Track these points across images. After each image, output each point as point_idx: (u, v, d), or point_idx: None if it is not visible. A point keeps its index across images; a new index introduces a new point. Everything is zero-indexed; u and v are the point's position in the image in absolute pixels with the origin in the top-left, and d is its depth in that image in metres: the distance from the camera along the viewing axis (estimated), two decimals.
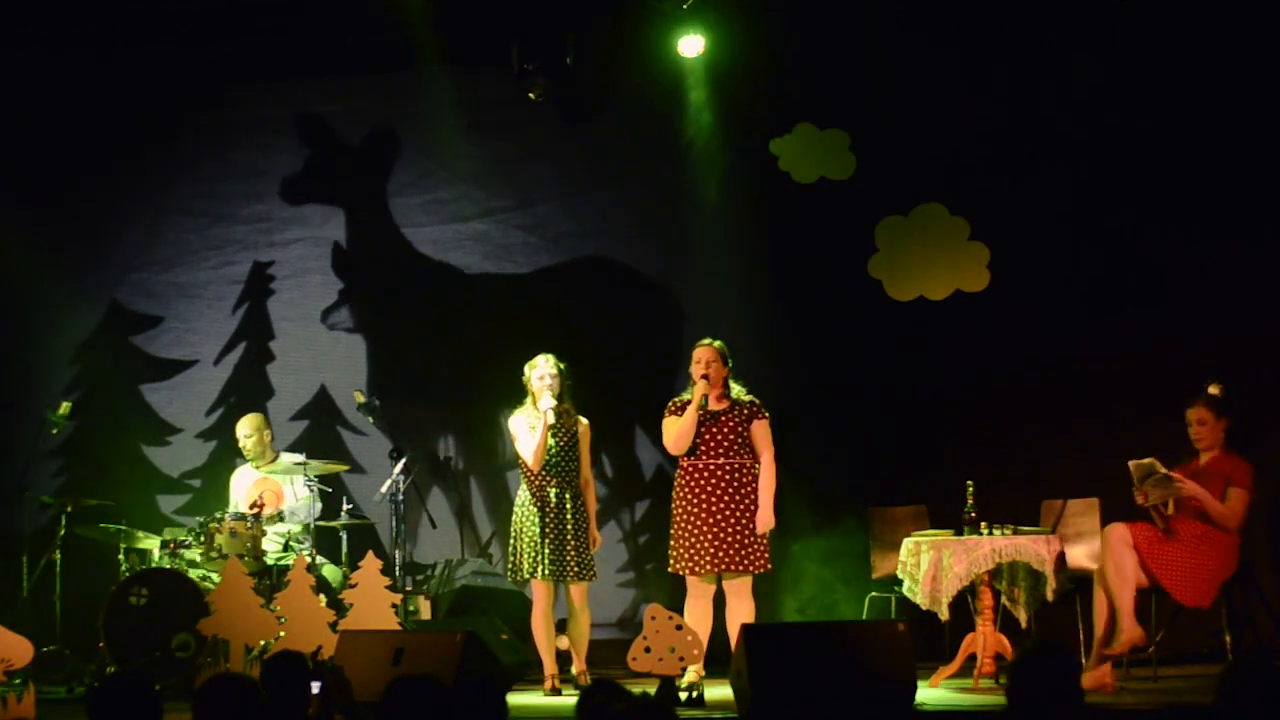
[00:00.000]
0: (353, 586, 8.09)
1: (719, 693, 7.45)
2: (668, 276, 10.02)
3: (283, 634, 7.96)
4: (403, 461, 9.01)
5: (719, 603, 7.67)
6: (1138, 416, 8.63)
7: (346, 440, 10.14)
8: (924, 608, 7.73)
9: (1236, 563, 7.47)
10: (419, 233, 10.23)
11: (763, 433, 7.71)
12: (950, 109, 9.42)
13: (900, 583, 7.84)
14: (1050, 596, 7.67)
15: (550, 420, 8.00)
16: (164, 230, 10.39)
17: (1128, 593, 7.28)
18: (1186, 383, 7.78)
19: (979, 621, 7.74)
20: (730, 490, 7.62)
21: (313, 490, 8.96)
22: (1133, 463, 7.45)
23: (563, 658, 8.31)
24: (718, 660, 7.58)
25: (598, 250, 10.09)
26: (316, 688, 5.23)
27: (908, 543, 7.85)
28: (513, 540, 8.13)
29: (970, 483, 7.80)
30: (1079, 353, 9.24)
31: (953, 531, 7.77)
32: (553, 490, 8.04)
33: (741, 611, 7.56)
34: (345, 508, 9.07)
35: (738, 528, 7.59)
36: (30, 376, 10.28)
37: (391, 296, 10.27)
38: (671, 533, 7.75)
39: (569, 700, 7.70)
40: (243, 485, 9.25)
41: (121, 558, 8.78)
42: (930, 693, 7.50)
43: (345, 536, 8.99)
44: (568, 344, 8.47)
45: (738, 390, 7.76)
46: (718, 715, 7.07)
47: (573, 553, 8.01)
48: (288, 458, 9.11)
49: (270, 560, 8.73)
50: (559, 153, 10.14)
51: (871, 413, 9.42)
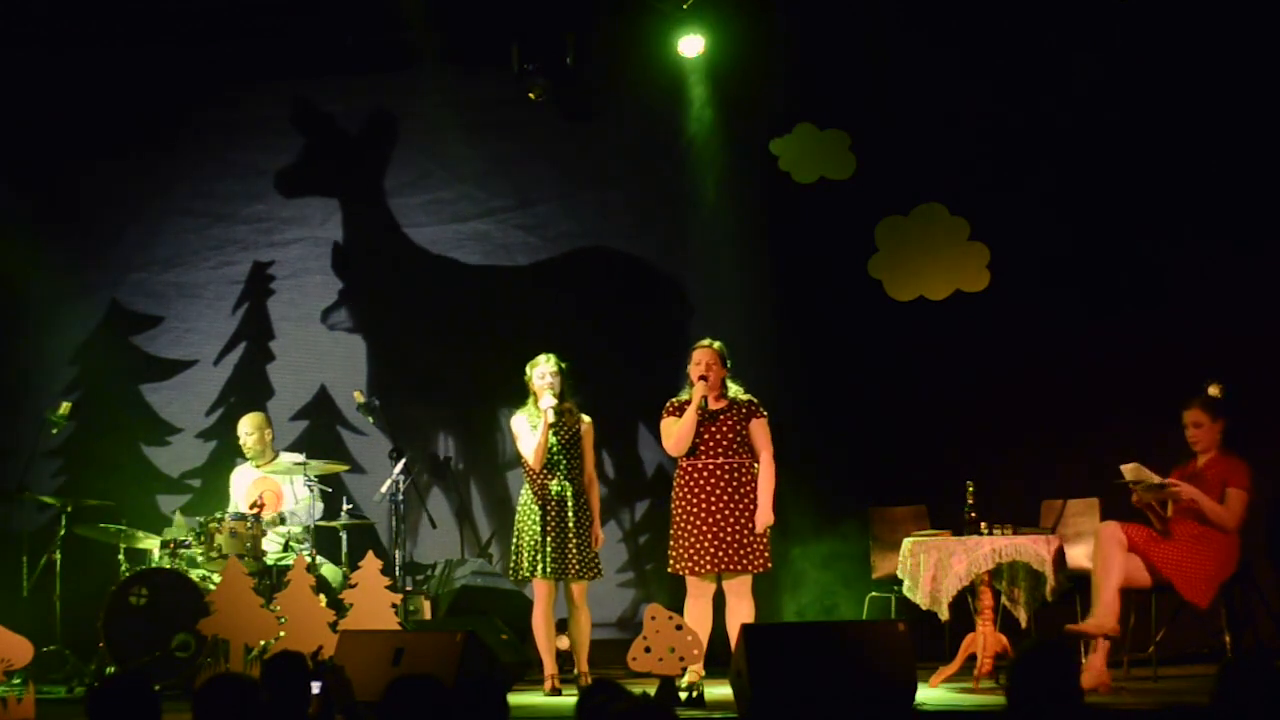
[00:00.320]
0: (353, 586, 8.09)
1: (719, 693, 7.45)
2: (668, 277, 10.02)
3: (283, 634, 7.96)
4: (403, 461, 9.00)
5: (719, 603, 7.67)
6: (1138, 416, 8.63)
7: (346, 440, 10.14)
8: (924, 608, 7.73)
9: (1236, 563, 7.47)
10: (419, 233, 10.24)
11: (761, 431, 7.70)
12: (950, 109, 9.42)
13: (900, 583, 7.84)
14: (1050, 596, 7.68)
15: (550, 419, 8.00)
16: (164, 230, 10.39)
17: (1110, 585, 7.31)
18: (1186, 383, 7.79)
19: (979, 621, 7.74)
20: (729, 490, 7.61)
21: (313, 490, 8.96)
22: (1123, 466, 7.48)
23: (563, 658, 8.31)
24: (718, 660, 7.58)
25: (598, 250, 10.09)
26: (317, 688, 5.24)
27: (908, 543, 7.85)
28: (515, 539, 8.13)
29: (970, 483, 7.80)
30: (1079, 353, 9.24)
31: (953, 531, 7.77)
32: (554, 489, 8.04)
33: (741, 611, 7.55)
34: (345, 508, 9.07)
35: (737, 527, 7.58)
36: (30, 376, 10.28)
37: (391, 297, 10.27)
38: (671, 533, 7.75)
39: (569, 700, 7.70)
40: (242, 484, 9.25)
41: (121, 558, 8.79)
42: (930, 693, 7.50)
43: (345, 536, 8.99)
44: (567, 344, 8.46)
45: (736, 390, 7.75)
46: (718, 715, 7.07)
47: (574, 551, 8.00)
48: (287, 458, 9.11)
49: (270, 560, 8.74)
50: (559, 153, 10.14)
51: (871, 413, 9.42)
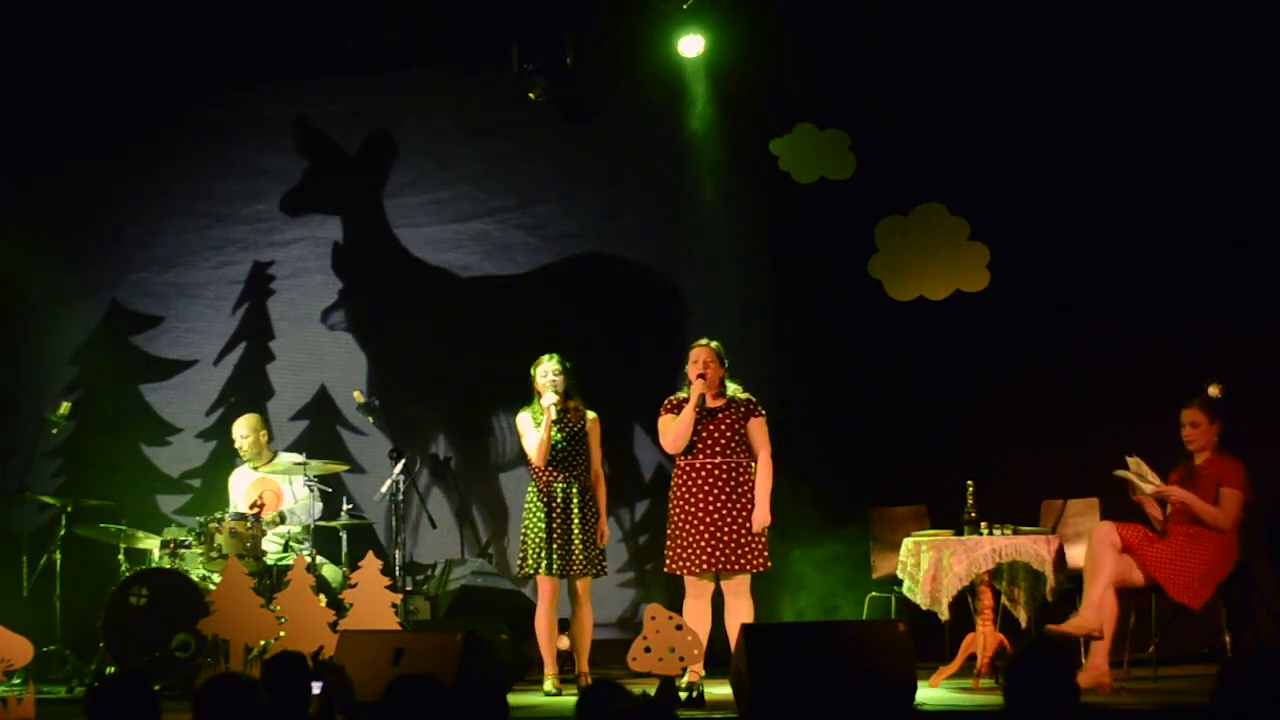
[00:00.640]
0: (353, 586, 8.09)
1: (719, 693, 7.45)
2: (668, 276, 10.01)
3: (283, 634, 7.96)
4: (403, 461, 9.00)
5: (718, 603, 7.67)
6: (1138, 417, 8.61)
7: (346, 440, 10.14)
8: (924, 608, 7.74)
9: (1233, 563, 7.47)
10: (419, 233, 10.23)
11: (759, 431, 7.69)
12: (950, 109, 9.42)
13: (900, 583, 7.85)
14: (1050, 596, 7.68)
15: (552, 415, 8.00)
16: (164, 230, 10.39)
17: (1097, 586, 7.33)
18: (1186, 383, 7.79)
19: (979, 621, 7.74)
20: (727, 489, 7.60)
21: (313, 490, 8.96)
22: (1129, 459, 7.49)
23: (563, 658, 8.30)
24: (718, 660, 7.58)
25: (598, 250, 10.08)
26: (318, 688, 5.24)
27: (908, 543, 7.85)
28: (521, 536, 8.14)
29: (970, 483, 7.80)
30: (1079, 353, 9.24)
31: (953, 531, 7.77)
32: (559, 486, 8.04)
33: (741, 611, 7.55)
34: (345, 508, 9.07)
35: (734, 527, 7.57)
36: (30, 376, 10.29)
37: (391, 296, 10.26)
38: (668, 532, 7.74)
39: (569, 700, 7.70)
40: (241, 485, 9.25)
41: (121, 558, 8.78)
42: (930, 693, 7.50)
43: (345, 536, 8.99)
44: (567, 343, 8.46)
45: (734, 389, 7.74)
46: (718, 715, 7.07)
47: (580, 548, 8.00)
48: (287, 458, 9.11)
49: (270, 560, 8.74)
50: (559, 153, 10.13)
51: (871, 413, 9.41)
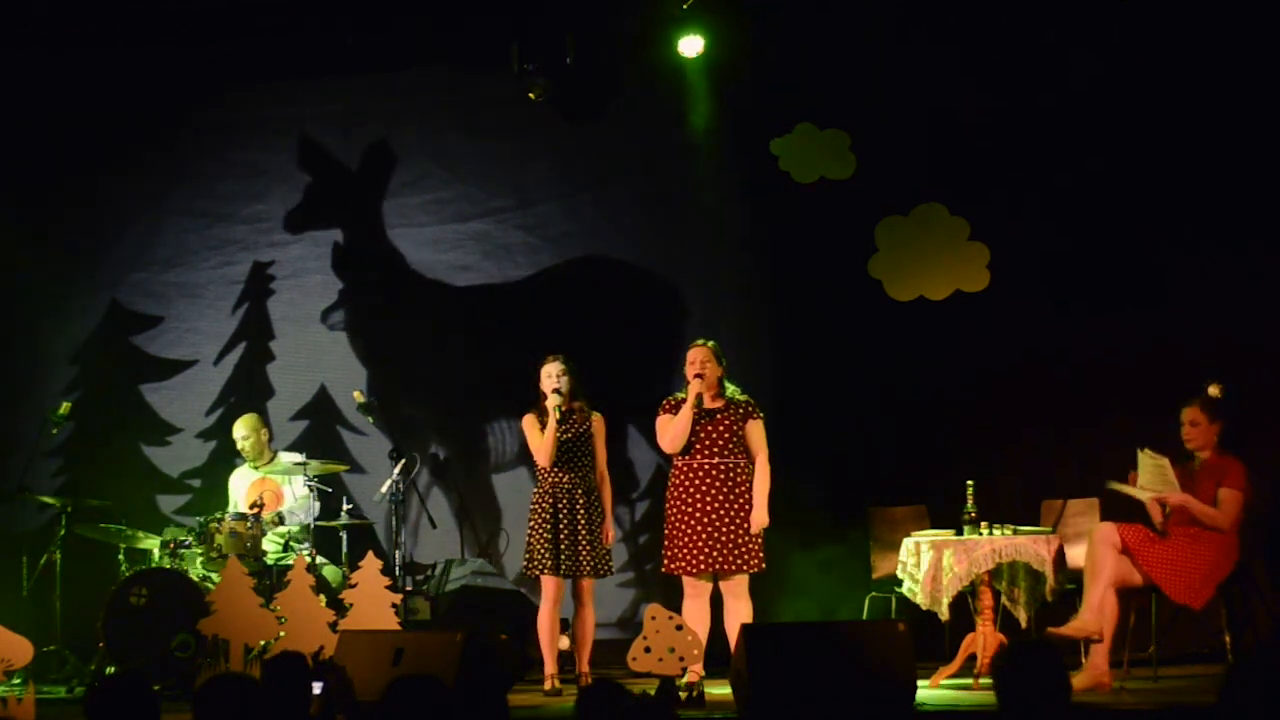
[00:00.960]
0: (353, 586, 8.09)
1: (719, 693, 7.44)
2: (667, 276, 10.01)
3: (283, 634, 7.95)
4: (403, 461, 9.00)
5: (716, 603, 7.67)
6: (1137, 416, 8.61)
7: (346, 440, 10.14)
8: (924, 608, 7.74)
9: (1234, 563, 7.47)
10: (419, 232, 10.23)
11: (757, 433, 7.68)
12: (950, 108, 9.42)
13: (900, 583, 7.84)
14: (1050, 596, 7.69)
15: (555, 417, 8.01)
16: (164, 230, 10.39)
17: (1097, 588, 7.32)
18: (1186, 383, 7.78)
19: (979, 621, 7.74)
20: (724, 490, 7.60)
21: (312, 490, 8.96)
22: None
23: (563, 658, 8.30)
24: (718, 660, 7.58)
25: (598, 250, 10.08)
26: (318, 688, 5.24)
27: (908, 543, 7.85)
28: (528, 537, 8.14)
29: (970, 483, 7.81)
30: (1079, 352, 9.24)
31: (953, 531, 7.77)
32: (565, 486, 8.04)
33: (740, 611, 7.55)
34: (345, 508, 9.07)
35: (732, 527, 7.56)
36: (30, 376, 10.28)
37: (391, 296, 10.26)
38: (665, 532, 7.74)
39: (569, 700, 7.70)
40: (241, 485, 9.25)
41: (121, 558, 8.78)
42: (930, 693, 7.50)
43: (345, 536, 8.99)
44: (567, 343, 8.45)
45: (733, 390, 7.74)
46: (718, 715, 7.07)
47: (586, 548, 8.00)
48: (287, 458, 9.11)
49: (270, 560, 8.73)
50: (559, 153, 10.13)
51: (871, 413, 9.41)
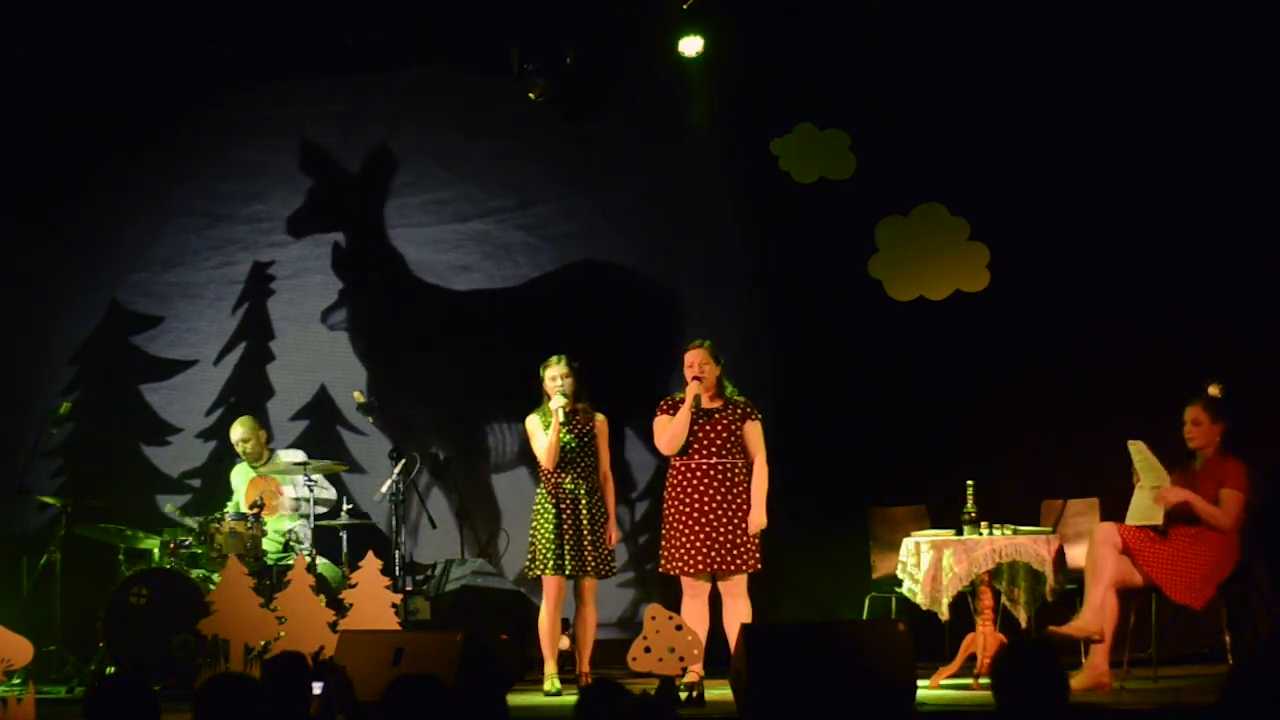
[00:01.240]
0: (353, 586, 8.09)
1: (719, 693, 7.44)
2: (667, 276, 10.00)
3: (283, 634, 7.95)
4: (403, 461, 9.00)
5: (715, 603, 7.67)
6: (1138, 416, 8.59)
7: (346, 440, 10.14)
8: (924, 608, 7.74)
9: (1234, 563, 7.46)
10: (419, 232, 10.23)
11: (755, 435, 7.68)
12: (950, 109, 9.42)
13: (900, 583, 7.84)
14: (1050, 596, 7.68)
15: (559, 418, 8.01)
16: (164, 230, 10.38)
17: (1098, 588, 7.32)
18: (1186, 383, 7.78)
19: (979, 621, 7.74)
20: (722, 490, 7.60)
21: (312, 490, 8.96)
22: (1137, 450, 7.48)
23: (563, 658, 8.30)
24: (718, 660, 7.58)
25: (598, 250, 10.08)
26: (318, 688, 5.24)
27: (908, 543, 7.85)
28: (531, 537, 8.14)
29: (970, 483, 7.80)
30: (1079, 353, 9.24)
31: (953, 531, 7.77)
32: (568, 487, 8.04)
33: (739, 611, 7.55)
34: (345, 508, 9.07)
35: (729, 527, 7.56)
36: (30, 376, 10.28)
37: (391, 296, 10.25)
38: (663, 532, 7.74)
39: (569, 700, 7.70)
40: (243, 482, 9.24)
41: (121, 558, 8.78)
42: (930, 693, 7.50)
43: (345, 536, 8.99)
44: (567, 344, 8.45)
45: (732, 390, 7.75)
46: (718, 715, 7.07)
47: (589, 548, 8.00)
48: (287, 457, 9.11)
49: (270, 560, 8.73)
50: (559, 153, 10.13)
51: (871, 413, 9.41)
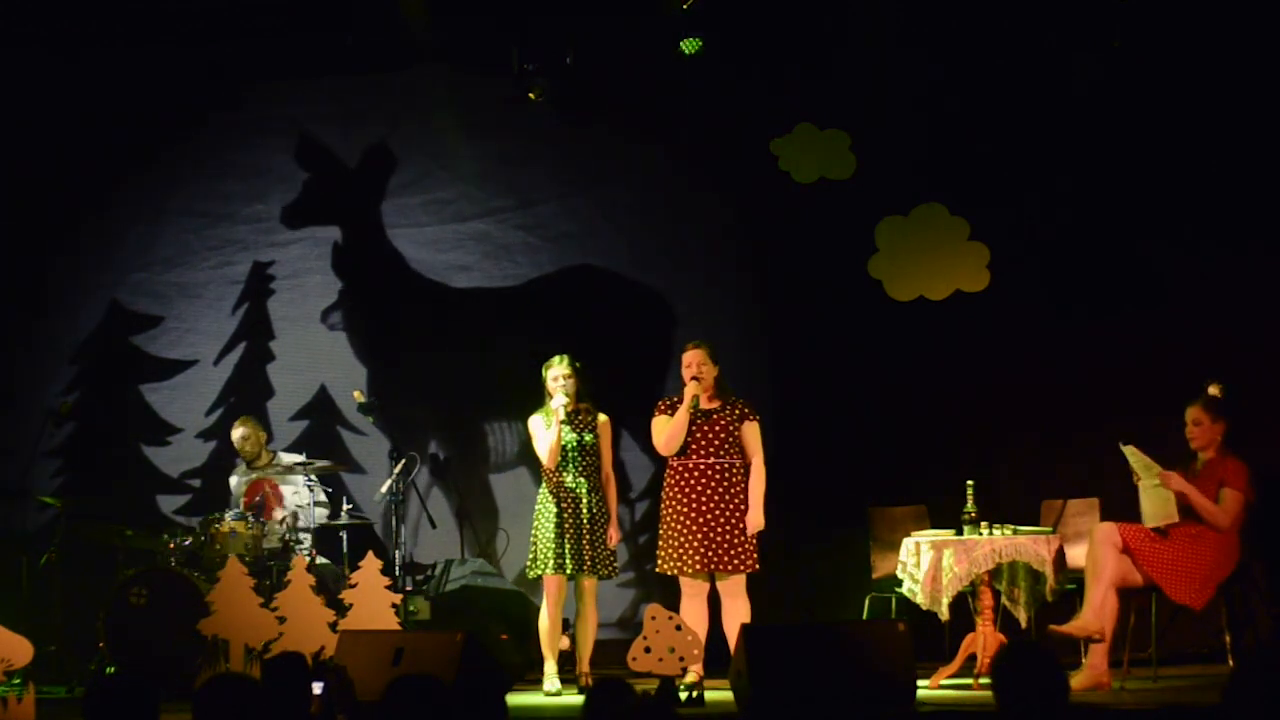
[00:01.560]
0: (353, 586, 8.09)
1: (719, 693, 7.44)
2: (667, 276, 10.01)
3: (282, 634, 7.96)
4: (402, 461, 9.00)
5: (715, 603, 7.67)
6: (1138, 416, 8.62)
7: (346, 440, 10.14)
8: (924, 608, 7.73)
9: (1234, 563, 7.46)
10: (419, 232, 10.23)
11: (753, 435, 7.68)
12: (950, 109, 9.43)
13: (900, 583, 7.84)
14: (1050, 596, 7.68)
15: (561, 418, 8.01)
16: (164, 230, 10.38)
17: (1099, 587, 7.32)
18: (1186, 383, 7.79)
19: (979, 621, 7.74)
20: (720, 490, 7.60)
21: (312, 490, 8.96)
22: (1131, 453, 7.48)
23: (563, 657, 8.30)
24: (718, 660, 7.58)
25: (597, 250, 10.08)
26: (318, 688, 5.24)
27: (908, 543, 7.85)
28: (532, 537, 8.14)
29: (970, 483, 7.80)
30: (1079, 353, 9.25)
31: (953, 531, 7.77)
32: (569, 487, 8.04)
33: (738, 611, 7.55)
34: (345, 508, 9.07)
35: (727, 527, 7.56)
36: (30, 376, 10.28)
37: (391, 296, 10.26)
38: (660, 532, 7.74)
39: (569, 700, 7.70)
40: (242, 484, 9.24)
41: (121, 558, 8.78)
42: (930, 693, 7.50)
43: (345, 536, 8.99)
44: (567, 344, 8.45)
45: (729, 390, 7.74)
46: (718, 715, 7.07)
47: (590, 548, 8.00)
48: (287, 458, 9.11)
49: (270, 560, 8.73)
50: (559, 153, 10.13)
51: (871, 412, 9.41)
